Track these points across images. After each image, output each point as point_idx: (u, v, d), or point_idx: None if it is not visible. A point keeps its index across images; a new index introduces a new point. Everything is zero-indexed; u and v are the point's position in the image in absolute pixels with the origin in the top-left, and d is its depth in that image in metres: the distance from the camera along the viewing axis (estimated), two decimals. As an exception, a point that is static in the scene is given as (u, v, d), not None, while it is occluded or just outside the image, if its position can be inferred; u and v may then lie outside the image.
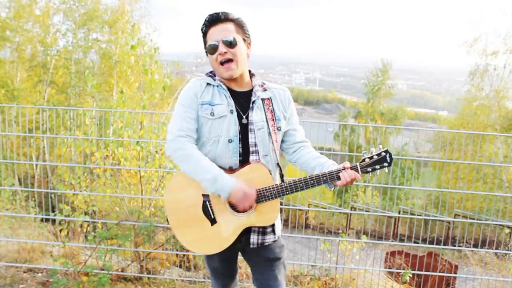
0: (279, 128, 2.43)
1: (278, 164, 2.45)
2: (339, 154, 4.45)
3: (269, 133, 2.39)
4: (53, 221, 5.22)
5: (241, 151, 2.32)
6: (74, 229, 5.17)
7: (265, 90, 2.44)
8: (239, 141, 2.32)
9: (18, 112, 4.37)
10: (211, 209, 2.28)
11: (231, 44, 2.28)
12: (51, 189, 4.63)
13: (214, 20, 2.30)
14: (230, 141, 2.30)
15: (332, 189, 2.33)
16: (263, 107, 2.40)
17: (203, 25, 2.33)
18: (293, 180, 2.28)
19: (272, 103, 2.44)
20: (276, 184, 2.29)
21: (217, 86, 2.37)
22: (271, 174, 2.31)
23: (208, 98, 2.33)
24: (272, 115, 2.42)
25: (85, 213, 4.67)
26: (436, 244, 4.48)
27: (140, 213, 4.38)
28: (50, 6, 21.94)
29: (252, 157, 2.34)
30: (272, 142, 2.40)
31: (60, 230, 4.99)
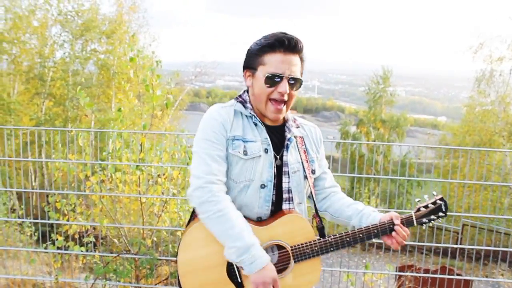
0: (313, 171, 2.03)
1: (317, 213, 2.02)
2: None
3: (305, 176, 1.97)
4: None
5: (274, 198, 1.89)
6: (69, 260, 4.71)
7: (298, 126, 2.03)
8: (273, 186, 1.88)
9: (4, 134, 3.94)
10: (238, 271, 1.83)
11: (294, 86, 1.85)
12: (44, 218, 4.20)
13: (288, 46, 1.81)
14: (263, 186, 1.87)
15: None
16: (297, 146, 1.98)
17: (268, 42, 1.82)
18: (339, 234, 1.88)
19: (305, 143, 2.03)
20: (318, 239, 1.86)
21: (250, 117, 1.92)
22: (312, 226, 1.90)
23: (239, 131, 1.88)
24: (306, 156, 2.00)
25: (80, 244, 4.22)
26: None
27: (142, 244, 3.93)
28: (48, 17, 21.57)
29: (284, 206, 1.91)
30: (309, 188, 1.99)
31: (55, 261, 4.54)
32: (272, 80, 1.81)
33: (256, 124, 1.91)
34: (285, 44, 1.80)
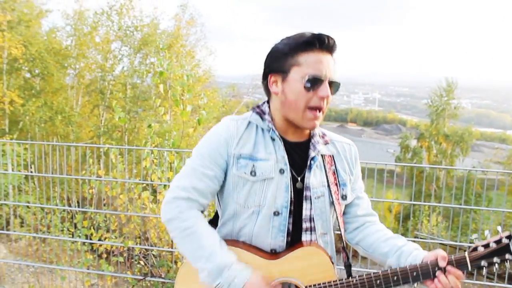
0: (344, 197, 1.69)
1: (344, 247, 1.68)
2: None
3: (332, 202, 1.64)
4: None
5: (290, 228, 1.59)
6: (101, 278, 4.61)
7: (326, 143, 1.69)
8: (289, 214, 1.58)
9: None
10: None
11: (334, 90, 1.57)
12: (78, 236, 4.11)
13: (325, 45, 1.54)
14: (276, 213, 1.58)
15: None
16: (324, 166, 1.65)
17: (304, 40, 1.54)
18: (367, 275, 1.52)
19: (335, 162, 1.69)
20: (340, 280, 1.53)
21: (268, 130, 1.63)
22: (333, 263, 1.57)
23: (248, 149, 1.60)
24: (335, 178, 1.67)
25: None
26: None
27: (169, 267, 3.72)
28: (110, 33, 22.36)
29: (305, 237, 1.60)
30: (336, 216, 1.66)
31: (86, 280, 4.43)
32: (313, 83, 1.52)
33: (273, 140, 1.62)
34: (323, 42, 1.52)
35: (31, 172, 4.25)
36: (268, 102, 1.69)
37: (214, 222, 1.77)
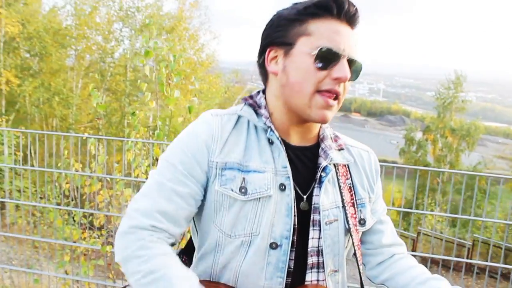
0: (362, 222, 1.22)
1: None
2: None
3: (348, 229, 1.17)
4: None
5: (292, 265, 1.12)
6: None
7: (341, 148, 1.22)
8: (291, 246, 1.11)
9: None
10: None
11: (355, 74, 1.12)
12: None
13: (341, 9, 1.07)
14: (273, 246, 1.10)
15: None
16: (338, 180, 1.18)
17: (317, 2, 1.08)
18: None
19: (351, 175, 1.22)
20: None
21: (265, 131, 1.15)
22: None
23: (236, 156, 1.11)
24: (352, 196, 1.20)
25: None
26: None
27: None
28: (111, 13, 21.84)
29: (310, 276, 1.14)
30: (354, 247, 1.19)
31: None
32: (327, 58, 1.06)
33: (271, 143, 1.13)
34: (341, 7, 1.06)
35: (22, 165, 3.74)
36: (264, 92, 1.21)
37: (187, 253, 1.29)
